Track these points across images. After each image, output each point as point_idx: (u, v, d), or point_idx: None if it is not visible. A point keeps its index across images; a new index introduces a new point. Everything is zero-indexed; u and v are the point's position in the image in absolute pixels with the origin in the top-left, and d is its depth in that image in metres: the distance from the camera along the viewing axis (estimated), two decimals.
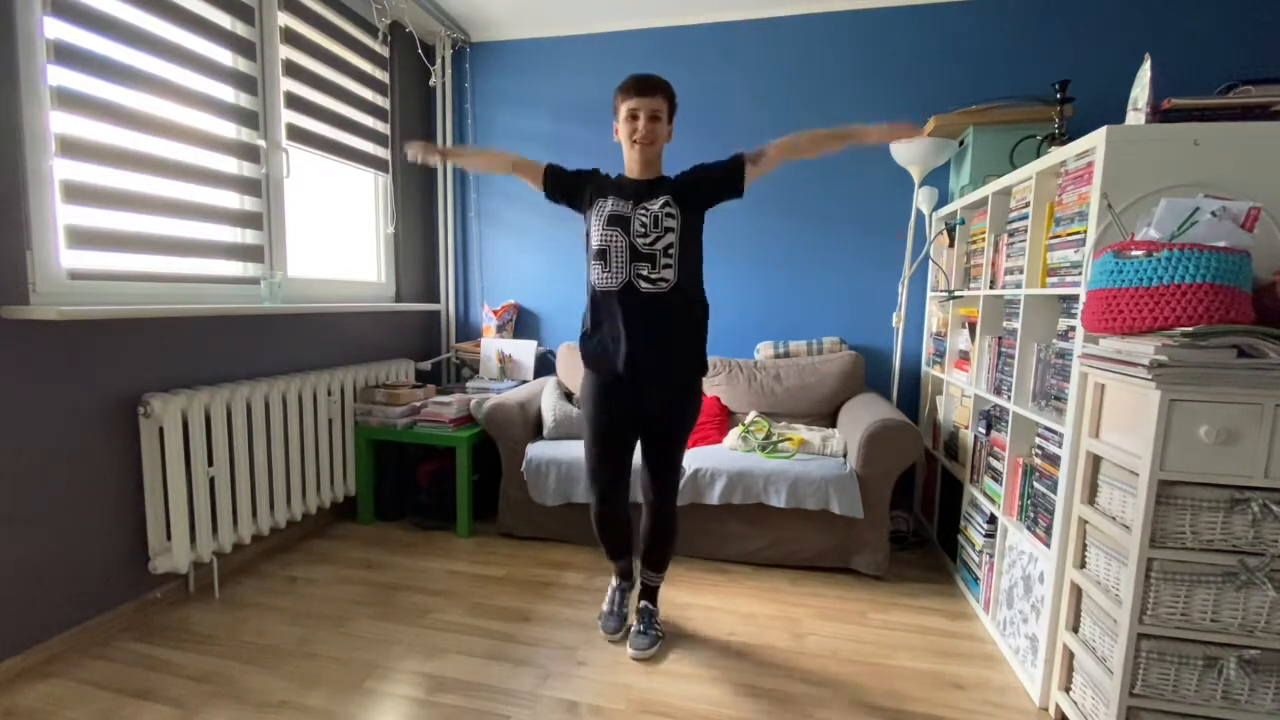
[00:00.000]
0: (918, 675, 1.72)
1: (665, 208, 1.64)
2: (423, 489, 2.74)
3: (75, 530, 1.76)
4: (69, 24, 1.68)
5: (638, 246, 1.64)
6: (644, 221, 1.64)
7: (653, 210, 1.64)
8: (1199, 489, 1.23)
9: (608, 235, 1.65)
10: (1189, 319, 1.20)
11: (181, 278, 2.03)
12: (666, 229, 1.64)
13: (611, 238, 1.65)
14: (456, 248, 3.37)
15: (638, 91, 1.62)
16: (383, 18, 2.87)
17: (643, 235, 1.63)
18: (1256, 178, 1.35)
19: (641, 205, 1.65)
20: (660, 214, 1.64)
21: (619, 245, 1.64)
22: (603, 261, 1.66)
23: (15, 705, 1.53)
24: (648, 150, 1.65)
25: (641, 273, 1.64)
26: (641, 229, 1.63)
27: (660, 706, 1.58)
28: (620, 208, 1.66)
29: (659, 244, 1.64)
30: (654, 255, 1.64)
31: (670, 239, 1.64)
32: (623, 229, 1.64)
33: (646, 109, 1.62)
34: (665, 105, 1.65)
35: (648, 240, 1.63)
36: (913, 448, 2.19)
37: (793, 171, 2.94)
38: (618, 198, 1.67)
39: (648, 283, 1.65)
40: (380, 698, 1.59)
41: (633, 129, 1.64)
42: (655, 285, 1.65)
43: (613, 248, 1.65)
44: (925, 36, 2.75)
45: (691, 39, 2.98)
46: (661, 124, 1.65)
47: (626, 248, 1.64)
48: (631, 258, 1.64)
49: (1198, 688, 1.27)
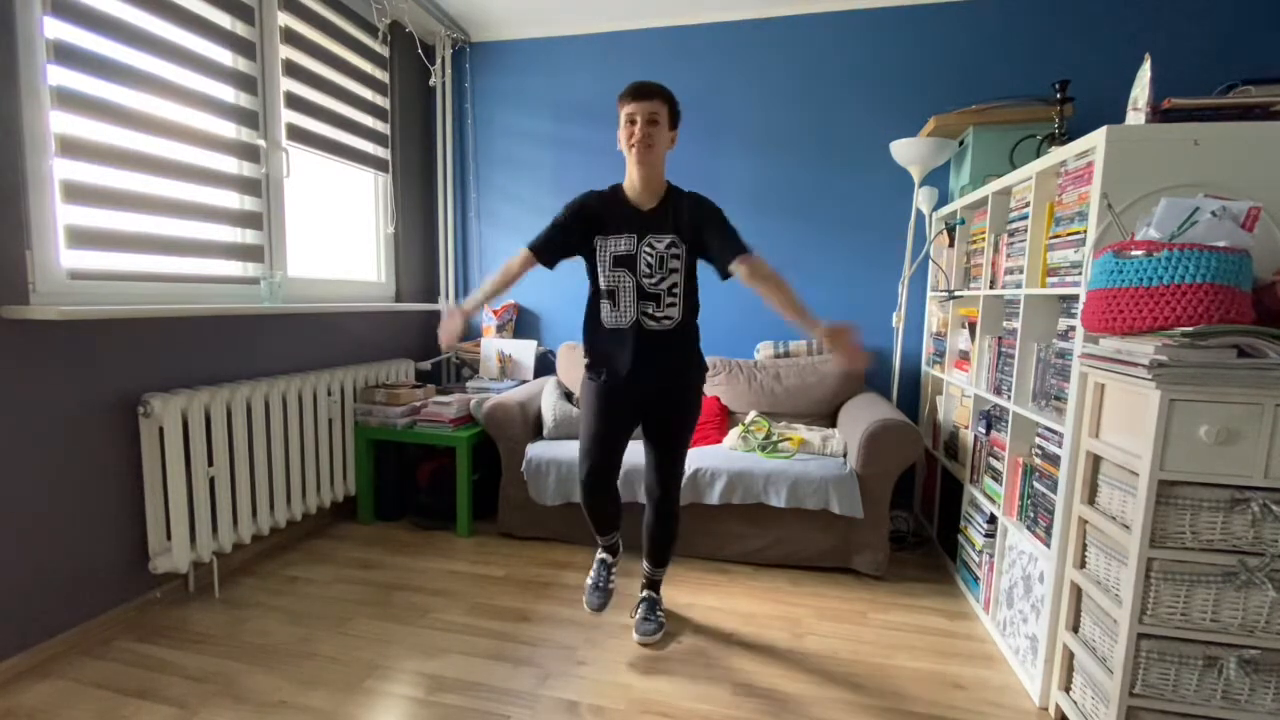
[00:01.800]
0: (918, 675, 1.72)
1: (671, 248, 1.66)
2: (423, 489, 2.74)
3: (75, 530, 1.76)
4: (69, 24, 1.68)
5: (644, 287, 1.67)
6: (649, 262, 1.66)
7: (659, 250, 1.65)
8: (1199, 489, 1.23)
9: (615, 276, 1.68)
10: (1189, 319, 1.20)
11: (181, 278, 2.02)
12: (671, 270, 1.67)
13: (619, 279, 1.68)
14: (456, 248, 3.37)
15: (635, 96, 1.62)
16: (382, 17, 2.87)
17: (649, 276, 1.66)
18: (1256, 178, 1.35)
19: (646, 241, 1.65)
20: (666, 254, 1.66)
21: (626, 285, 1.68)
22: (611, 301, 1.70)
23: (15, 705, 1.53)
24: (646, 155, 1.62)
25: (648, 311, 1.69)
26: (647, 269, 1.66)
27: (660, 706, 1.58)
28: (626, 246, 1.66)
29: (664, 284, 1.67)
30: (659, 295, 1.68)
31: (675, 279, 1.67)
32: (629, 269, 1.67)
33: (644, 113, 1.61)
34: (664, 109, 1.63)
35: (653, 281, 1.67)
36: (913, 447, 2.19)
37: (792, 171, 2.94)
38: (619, 233, 1.67)
39: (653, 321, 1.69)
40: (380, 698, 1.59)
41: (630, 133, 1.63)
42: (660, 324, 1.69)
43: (621, 288, 1.68)
44: (925, 36, 2.75)
45: (691, 39, 2.98)
46: (660, 128, 1.63)
47: (634, 288, 1.67)
48: (638, 297, 1.68)
49: (1198, 688, 1.27)
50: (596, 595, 1.90)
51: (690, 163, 3.03)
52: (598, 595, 1.90)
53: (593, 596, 1.90)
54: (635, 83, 1.64)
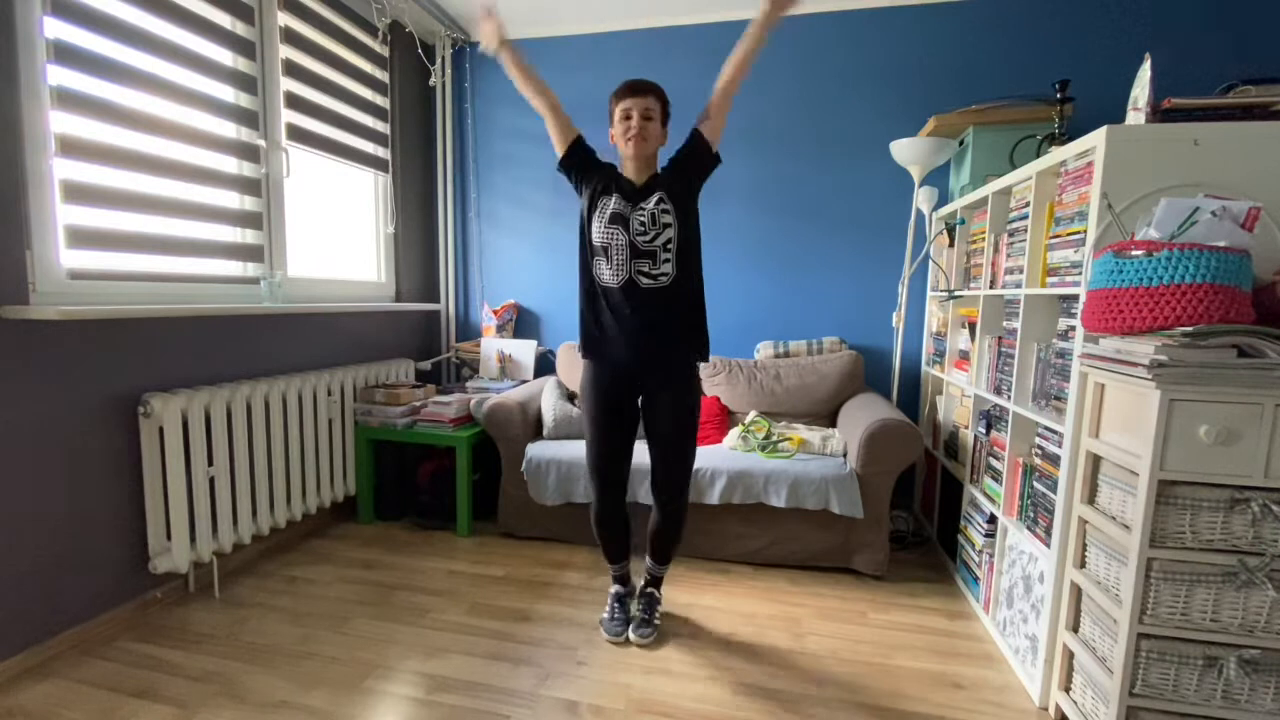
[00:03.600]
0: (918, 675, 1.72)
1: (660, 204, 1.68)
2: (423, 489, 2.74)
3: (75, 530, 1.76)
4: (69, 24, 1.68)
5: (638, 244, 1.68)
6: (642, 220, 1.68)
7: (649, 209, 1.68)
8: (1199, 489, 1.23)
9: (609, 233, 1.69)
10: (1189, 319, 1.20)
11: (182, 277, 2.03)
12: (664, 225, 1.68)
13: (613, 235, 1.69)
14: (456, 248, 3.37)
15: (631, 92, 1.67)
16: (382, 17, 2.87)
17: (642, 233, 1.68)
18: (1256, 178, 1.35)
19: (639, 206, 1.69)
20: (656, 211, 1.68)
21: (620, 243, 1.69)
22: (605, 257, 1.71)
23: (15, 705, 1.53)
24: (641, 148, 1.67)
25: (642, 269, 1.69)
26: (640, 227, 1.68)
27: (660, 706, 1.58)
28: (621, 207, 1.69)
29: (658, 240, 1.68)
30: (654, 252, 1.69)
31: (669, 234, 1.69)
32: (623, 227, 1.69)
33: (639, 107, 1.66)
34: (658, 106, 1.69)
35: (647, 238, 1.68)
36: (913, 447, 2.19)
37: (792, 171, 2.94)
38: (616, 194, 1.71)
39: (648, 279, 1.70)
40: (380, 697, 1.59)
41: (626, 127, 1.67)
42: (655, 280, 1.70)
43: (614, 245, 1.69)
44: (925, 36, 2.75)
45: (691, 39, 2.98)
46: (654, 124, 1.68)
47: (627, 245, 1.69)
48: (632, 255, 1.69)
49: (1198, 688, 1.27)
50: (615, 625, 1.89)
51: None
52: (615, 625, 1.89)
53: (610, 626, 1.89)
54: (630, 80, 1.68)
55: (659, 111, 1.69)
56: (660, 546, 1.91)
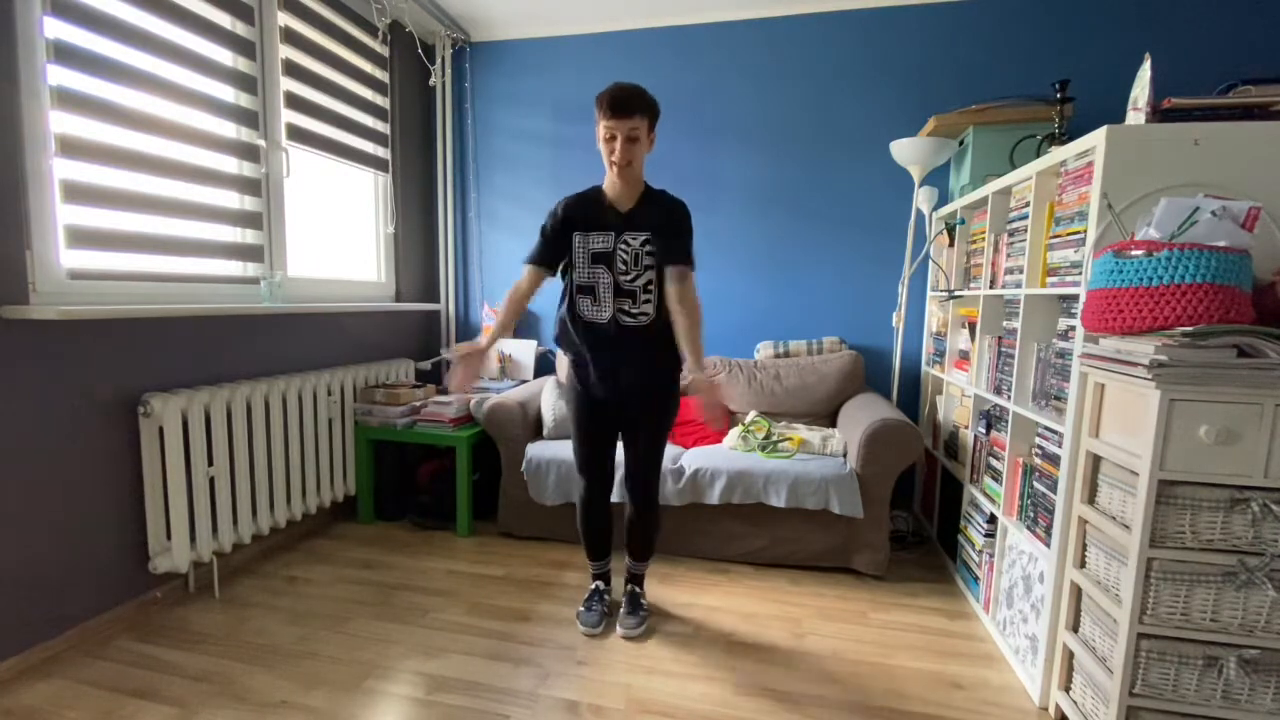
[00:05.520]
0: (918, 675, 1.72)
1: (645, 245, 1.69)
2: (423, 489, 2.74)
3: (75, 530, 1.76)
4: (69, 24, 1.67)
5: (620, 284, 1.70)
6: (625, 259, 1.69)
7: (634, 247, 1.69)
8: (1199, 489, 1.23)
9: (593, 273, 1.71)
10: (1189, 319, 1.20)
11: (181, 277, 2.02)
12: (646, 266, 1.70)
13: (597, 275, 1.71)
14: (456, 248, 3.37)
15: (613, 113, 1.58)
16: (383, 17, 2.87)
17: (624, 273, 1.69)
18: (1256, 178, 1.35)
19: (623, 239, 1.69)
20: (641, 252, 1.69)
21: (605, 283, 1.71)
22: (590, 296, 1.73)
23: (15, 705, 1.53)
24: (626, 174, 1.66)
25: (624, 308, 1.72)
26: (624, 266, 1.69)
27: (660, 706, 1.58)
28: (603, 243, 1.69)
29: (638, 281, 1.70)
30: (634, 292, 1.71)
31: (650, 276, 1.71)
32: (607, 265, 1.70)
33: (624, 130, 1.59)
34: (644, 124, 1.61)
35: (629, 278, 1.70)
36: (913, 447, 2.19)
37: (792, 171, 2.94)
38: (599, 230, 1.70)
39: (629, 318, 1.73)
40: (380, 697, 1.59)
41: (610, 149, 1.63)
42: (636, 320, 1.73)
43: (599, 285, 1.71)
44: (925, 36, 2.75)
45: (691, 39, 2.98)
46: (639, 144, 1.63)
47: (611, 285, 1.71)
48: (615, 294, 1.71)
49: (1198, 687, 1.27)
50: (591, 615, 1.91)
51: (689, 163, 3.03)
52: (592, 615, 1.91)
53: (587, 617, 1.91)
54: (612, 94, 1.58)
55: (645, 129, 1.62)
56: (636, 541, 1.95)
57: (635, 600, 1.96)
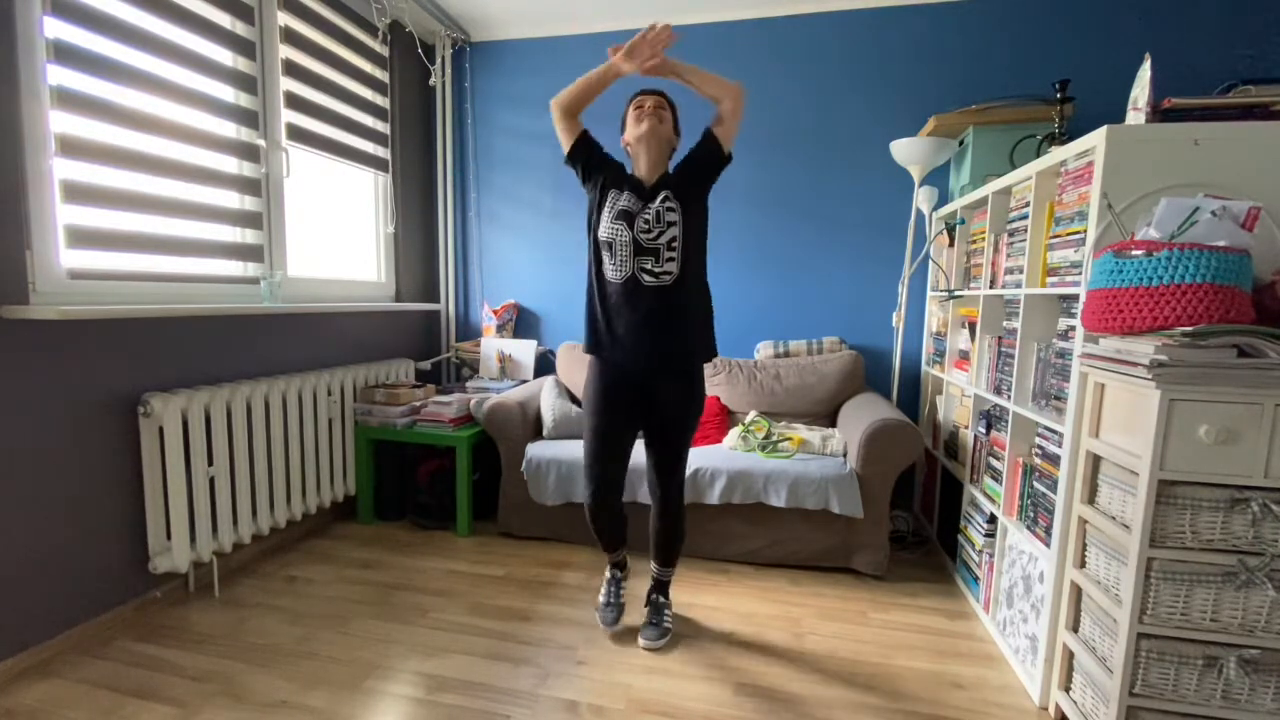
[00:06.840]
0: (918, 675, 1.72)
1: (666, 203, 1.70)
2: (423, 489, 2.74)
3: (75, 530, 1.76)
4: (69, 24, 1.67)
5: (641, 242, 1.69)
6: (648, 219, 1.69)
7: (655, 207, 1.69)
8: (1199, 489, 1.23)
9: (614, 229, 1.71)
10: (1189, 319, 1.20)
11: (181, 277, 2.02)
12: (669, 223, 1.69)
13: (618, 231, 1.71)
14: (456, 248, 3.37)
15: (643, 91, 1.79)
16: (382, 17, 2.87)
17: (646, 231, 1.69)
18: (1256, 178, 1.35)
19: (647, 206, 1.71)
20: (662, 209, 1.69)
21: (623, 240, 1.70)
22: (610, 252, 1.73)
23: (15, 705, 1.53)
24: (654, 130, 1.70)
25: (645, 267, 1.70)
26: (645, 225, 1.69)
27: (660, 706, 1.58)
28: (630, 204, 1.71)
29: (662, 239, 1.69)
30: (658, 250, 1.69)
31: (674, 233, 1.69)
32: (628, 224, 1.70)
33: (651, 100, 1.76)
34: (669, 109, 1.77)
35: (650, 236, 1.69)
36: (913, 447, 2.19)
37: (792, 171, 2.94)
38: (630, 191, 1.73)
39: (651, 276, 1.70)
40: (380, 697, 1.59)
41: (639, 114, 1.74)
42: (659, 279, 1.70)
43: (618, 241, 1.71)
44: (925, 36, 2.75)
45: (691, 39, 2.98)
46: (666, 119, 1.74)
47: (630, 242, 1.70)
48: (635, 252, 1.70)
49: (1198, 687, 1.27)
50: (609, 611, 1.91)
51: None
52: (610, 611, 1.91)
53: (605, 613, 1.91)
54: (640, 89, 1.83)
55: (669, 114, 1.76)
56: (661, 545, 1.89)
57: (659, 610, 1.90)
